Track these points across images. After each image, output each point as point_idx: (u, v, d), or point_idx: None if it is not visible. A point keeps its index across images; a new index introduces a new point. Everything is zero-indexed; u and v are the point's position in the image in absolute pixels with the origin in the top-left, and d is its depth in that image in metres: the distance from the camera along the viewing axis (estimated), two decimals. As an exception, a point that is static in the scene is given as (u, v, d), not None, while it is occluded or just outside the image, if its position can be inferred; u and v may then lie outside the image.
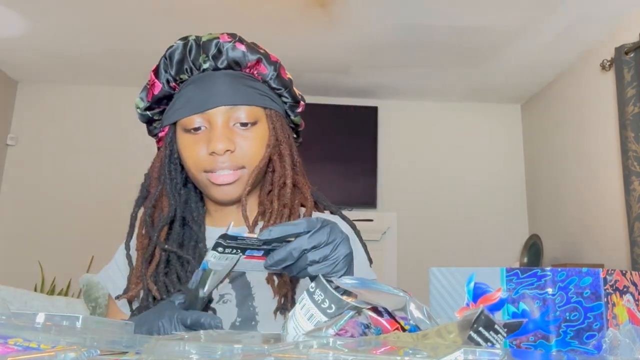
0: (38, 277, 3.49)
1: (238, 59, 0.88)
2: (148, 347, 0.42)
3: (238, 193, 0.88)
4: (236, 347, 0.41)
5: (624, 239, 2.70)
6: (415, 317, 0.51)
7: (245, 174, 0.87)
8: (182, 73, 0.89)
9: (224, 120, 0.86)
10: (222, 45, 0.87)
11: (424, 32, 2.99)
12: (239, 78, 0.88)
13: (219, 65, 0.88)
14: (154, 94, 0.92)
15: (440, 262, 3.63)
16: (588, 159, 3.13)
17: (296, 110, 0.97)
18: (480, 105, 4.04)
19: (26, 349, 0.39)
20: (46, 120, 3.84)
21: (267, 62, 0.90)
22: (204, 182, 0.88)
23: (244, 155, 0.86)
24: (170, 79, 0.90)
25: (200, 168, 0.86)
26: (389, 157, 3.93)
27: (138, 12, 2.85)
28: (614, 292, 0.50)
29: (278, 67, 0.91)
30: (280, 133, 0.91)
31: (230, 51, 0.87)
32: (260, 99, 0.89)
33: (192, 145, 0.87)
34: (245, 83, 0.88)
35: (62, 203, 3.71)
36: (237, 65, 0.88)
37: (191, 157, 0.87)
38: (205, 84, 0.87)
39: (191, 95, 0.87)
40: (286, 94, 0.94)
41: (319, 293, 0.56)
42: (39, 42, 3.24)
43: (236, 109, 0.86)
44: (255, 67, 0.89)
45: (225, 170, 0.86)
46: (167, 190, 0.90)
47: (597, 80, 3.04)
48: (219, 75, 0.88)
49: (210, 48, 0.87)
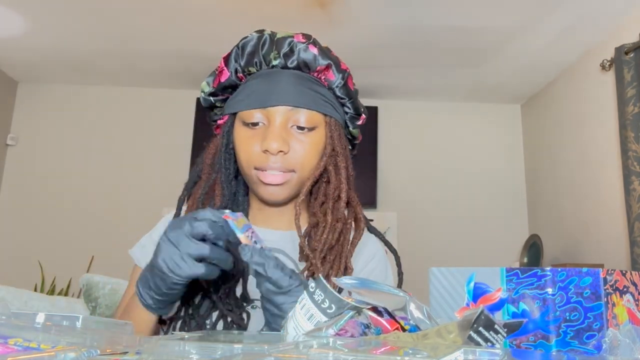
0: (38, 277, 3.49)
1: (308, 61, 0.87)
2: (148, 347, 0.42)
3: (284, 196, 0.87)
4: (236, 347, 0.41)
5: (624, 239, 2.70)
6: (415, 317, 0.51)
7: (294, 178, 0.86)
8: (251, 65, 0.88)
9: (283, 120, 0.85)
10: (295, 44, 0.87)
11: (424, 32, 2.99)
12: (305, 80, 0.87)
13: (289, 65, 0.87)
14: (220, 81, 0.91)
15: (440, 262, 3.63)
16: (588, 159, 3.13)
17: (356, 122, 0.96)
18: (480, 105, 4.04)
19: (26, 349, 0.39)
20: (46, 120, 3.85)
21: (337, 69, 0.89)
22: (253, 179, 0.87)
23: (296, 159, 0.85)
24: (239, 69, 0.89)
25: (252, 164, 0.86)
26: (389, 157, 3.93)
27: (138, 12, 2.85)
28: (614, 292, 0.50)
29: (346, 77, 0.90)
30: (337, 143, 0.89)
31: (302, 52, 0.86)
32: (322, 105, 0.87)
33: (247, 139, 0.86)
34: (311, 87, 0.87)
35: (62, 203, 3.71)
36: (306, 67, 0.88)
37: (245, 152, 0.86)
38: (271, 80, 0.86)
39: (255, 89, 0.86)
40: (349, 104, 0.92)
41: (319, 293, 0.56)
42: (39, 42, 3.24)
43: (297, 111, 0.85)
44: (324, 72, 0.88)
45: (275, 170, 0.85)
46: (222, 179, 0.90)
47: (597, 80, 3.04)
48: (286, 74, 0.87)
49: (283, 45, 0.86)
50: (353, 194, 0.92)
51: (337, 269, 0.84)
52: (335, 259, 0.85)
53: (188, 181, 0.92)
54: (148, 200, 3.66)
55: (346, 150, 0.92)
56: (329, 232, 0.85)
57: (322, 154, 0.88)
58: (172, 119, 3.85)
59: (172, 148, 3.80)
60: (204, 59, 3.38)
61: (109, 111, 3.89)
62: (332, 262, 0.84)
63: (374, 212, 3.76)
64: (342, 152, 0.90)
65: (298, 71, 0.88)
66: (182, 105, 3.83)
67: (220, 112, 0.95)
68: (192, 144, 3.73)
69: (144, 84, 3.87)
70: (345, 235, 0.88)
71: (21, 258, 3.57)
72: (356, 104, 0.93)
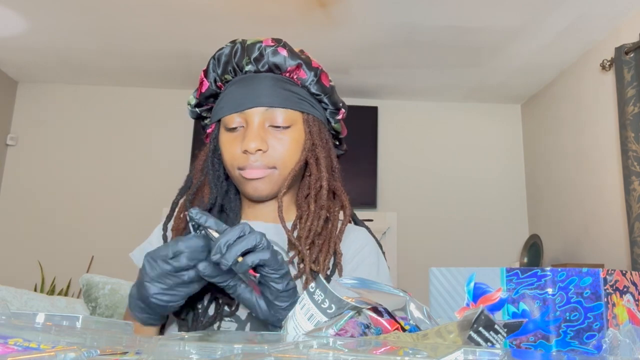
0: (38, 277, 3.49)
1: (278, 63, 0.91)
2: (148, 347, 0.42)
3: (267, 190, 0.90)
4: (236, 347, 0.41)
5: (624, 239, 2.70)
6: (415, 317, 0.51)
7: (275, 174, 0.90)
8: (227, 73, 0.93)
9: (260, 121, 0.89)
10: (264, 48, 0.91)
11: (424, 32, 2.99)
12: (279, 81, 0.91)
13: (260, 68, 0.91)
14: (202, 92, 0.97)
15: (440, 262, 3.63)
16: (588, 159, 3.13)
17: (336, 117, 0.99)
18: (480, 105, 4.04)
19: (26, 349, 0.39)
20: (46, 120, 3.85)
21: (308, 68, 0.93)
22: (238, 179, 0.91)
23: (275, 156, 0.89)
24: (217, 78, 0.95)
25: (235, 165, 0.90)
26: (389, 157, 3.93)
27: (138, 12, 2.85)
28: (614, 292, 0.50)
29: (319, 73, 0.94)
30: (316, 137, 0.93)
31: (271, 55, 0.90)
32: (297, 103, 0.91)
33: (229, 143, 0.91)
34: (285, 87, 0.91)
35: (62, 203, 3.71)
36: (277, 69, 0.92)
37: (228, 154, 0.91)
38: (246, 85, 0.91)
39: (233, 95, 0.91)
40: (326, 99, 0.96)
41: (319, 293, 0.56)
42: (39, 42, 3.24)
43: (272, 111, 0.89)
44: (295, 71, 0.92)
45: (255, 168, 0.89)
46: (210, 180, 0.94)
47: (597, 80, 3.04)
48: (260, 78, 0.91)
49: (253, 51, 0.91)
50: (338, 185, 0.97)
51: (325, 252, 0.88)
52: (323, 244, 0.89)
53: (182, 187, 0.97)
54: (148, 200, 3.66)
55: (327, 144, 0.96)
56: (313, 220, 0.89)
57: (301, 149, 0.92)
58: (172, 119, 3.85)
59: (172, 148, 3.80)
60: (204, 59, 3.37)
61: (108, 111, 3.89)
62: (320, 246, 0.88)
63: (374, 212, 3.76)
64: (323, 145, 0.94)
65: (271, 73, 0.92)
66: (182, 105, 3.82)
67: (209, 121, 1.01)
68: (192, 144, 3.73)
69: (144, 84, 3.87)
70: (333, 223, 0.92)
71: (21, 258, 3.57)
72: (333, 99, 0.97)
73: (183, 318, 0.84)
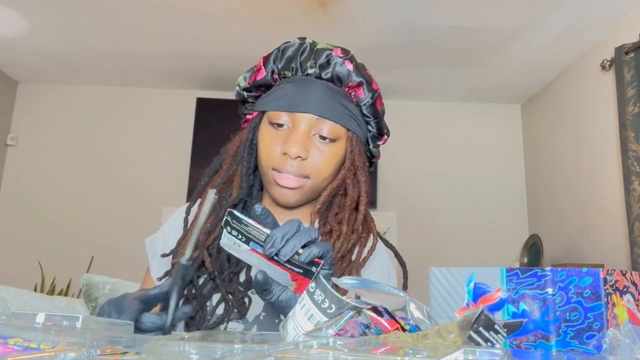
0: (38, 277, 3.49)
1: (342, 75, 0.89)
2: (148, 347, 0.42)
3: (295, 199, 0.89)
4: (236, 347, 0.41)
5: (624, 239, 2.70)
6: (415, 317, 0.51)
7: (307, 185, 0.89)
8: (288, 70, 0.92)
9: (307, 127, 0.88)
10: (332, 57, 0.90)
11: (424, 32, 2.99)
12: (335, 93, 0.90)
13: (323, 76, 0.90)
14: (256, 79, 0.94)
15: (440, 262, 3.63)
16: (588, 159, 3.13)
17: (377, 142, 0.99)
18: (480, 105, 4.04)
19: (26, 349, 0.39)
20: (46, 120, 3.85)
21: (367, 88, 0.91)
22: (269, 179, 0.89)
23: (312, 166, 0.88)
24: (276, 70, 0.92)
25: (270, 164, 0.88)
26: (389, 157, 3.93)
27: (138, 12, 2.85)
28: (614, 292, 0.50)
29: (376, 97, 0.93)
30: (357, 158, 0.92)
31: (338, 66, 0.89)
32: (347, 120, 0.90)
33: (270, 139, 0.89)
34: (340, 100, 0.90)
35: (62, 203, 3.71)
36: (338, 81, 0.90)
37: (266, 150, 0.89)
38: (303, 87, 0.89)
39: (287, 92, 0.89)
40: (374, 123, 0.96)
41: (319, 293, 0.56)
42: (39, 42, 3.24)
43: (322, 121, 0.88)
44: (355, 88, 0.91)
45: (290, 174, 0.87)
46: (241, 172, 0.92)
47: (597, 80, 3.04)
48: (318, 84, 0.90)
49: (321, 56, 0.90)
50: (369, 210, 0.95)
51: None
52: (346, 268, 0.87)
53: (209, 169, 0.95)
54: (148, 200, 3.66)
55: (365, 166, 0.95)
56: (343, 242, 0.87)
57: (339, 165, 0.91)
58: (172, 119, 3.85)
59: (172, 148, 3.80)
60: (204, 59, 3.38)
61: (109, 111, 3.89)
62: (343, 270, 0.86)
63: (374, 212, 3.76)
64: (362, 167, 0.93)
65: (330, 83, 0.90)
66: (182, 105, 3.83)
67: (251, 107, 0.98)
68: (192, 144, 3.73)
69: (144, 84, 3.87)
70: (359, 248, 0.90)
71: (21, 258, 3.57)
72: (380, 125, 0.97)
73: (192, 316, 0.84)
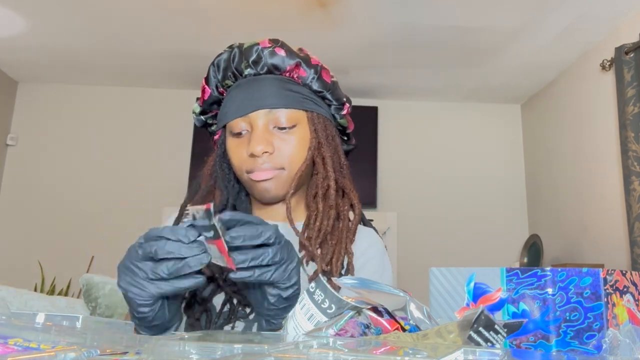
0: (38, 277, 3.49)
1: (277, 63, 0.90)
2: (148, 347, 0.42)
3: (277, 191, 0.90)
4: (236, 347, 0.41)
5: (624, 239, 2.70)
6: (415, 317, 0.51)
7: (284, 175, 0.90)
8: (227, 79, 0.93)
9: (264, 123, 0.89)
10: (261, 51, 0.90)
11: (424, 32, 2.99)
12: (279, 82, 0.91)
13: (260, 71, 0.91)
14: (204, 99, 0.97)
15: (440, 262, 3.63)
16: (588, 159, 3.13)
17: (341, 112, 1.00)
18: (480, 105, 4.04)
19: (26, 349, 0.39)
20: (46, 120, 3.85)
21: (307, 66, 0.92)
22: (248, 183, 0.91)
23: (282, 157, 0.89)
24: (218, 84, 0.95)
25: (243, 169, 0.90)
26: (389, 157, 3.93)
27: (138, 12, 2.85)
28: (614, 292, 0.50)
29: (319, 70, 0.93)
30: (322, 135, 0.93)
31: (269, 56, 0.90)
32: (300, 102, 0.91)
33: (236, 147, 0.91)
34: (286, 87, 0.91)
35: (62, 203, 3.71)
36: (277, 70, 0.91)
37: (236, 158, 0.91)
38: (247, 89, 0.90)
39: (235, 100, 0.91)
40: (329, 96, 0.96)
41: (319, 293, 0.56)
42: (39, 42, 3.24)
43: (276, 112, 0.89)
44: (294, 70, 0.92)
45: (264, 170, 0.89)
46: (219, 184, 0.95)
47: (597, 80, 3.04)
48: (260, 80, 0.91)
49: (251, 54, 0.90)
50: (347, 182, 0.96)
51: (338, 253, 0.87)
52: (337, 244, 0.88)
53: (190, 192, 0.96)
54: (148, 200, 3.66)
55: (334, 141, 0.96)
56: (323, 219, 0.88)
57: (308, 148, 0.91)
58: (172, 119, 3.85)
59: (172, 148, 3.80)
60: (204, 59, 3.37)
61: (108, 111, 3.89)
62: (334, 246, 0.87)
63: (374, 212, 3.76)
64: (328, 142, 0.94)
65: (271, 75, 0.91)
66: (182, 105, 3.82)
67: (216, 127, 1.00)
68: (192, 144, 3.73)
69: (144, 84, 3.87)
70: (343, 222, 0.91)
71: (21, 258, 3.57)
72: (336, 95, 0.97)
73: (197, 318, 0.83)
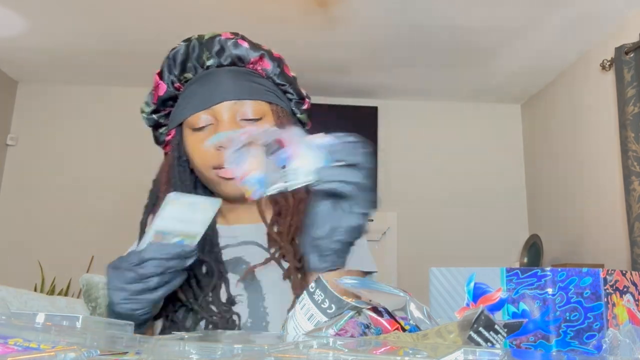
0: (38, 277, 3.48)
1: (241, 54, 0.88)
2: (148, 347, 0.42)
3: None
4: (236, 347, 0.41)
5: (624, 239, 2.70)
6: (415, 317, 0.51)
7: None
8: (187, 72, 0.89)
9: (230, 115, 0.85)
10: (224, 42, 0.88)
11: (424, 32, 2.99)
12: (243, 74, 0.88)
13: (223, 62, 0.88)
14: (159, 96, 0.92)
15: (440, 262, 3.62)
16: (588, 159, 3.12)
17: (302, 107, 0.97)
18: (480, 105, 4.04)
19: (26, 349, 0.39)
20: (46, 120, 3.84)
21: (270, 58, 0.90)
22: (214, 180, 0.87)
23: None
24: (175, 79, 0.90)
25: (209, 165, 0.85)
26: (389, 157, 3.93)
27: (138, 12, 2.85)
28: (614, 292, 0.50)
29: (282, 64, 0.92)
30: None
31: (233, 47, 0.88)
32: (265, 95, 0.88)
33: (199, 143, 0.86)
34: (250, 79, 0.88)
35: (62, 203, 3.71)
36: (240, 62, 0.89)
37: (199, 155, 0.86)
38: (210, 81, 0.87)
39: (197, 92, 0.87)
40: (291, 90, 0.93)
41: (319, 293, 0.56)
42: (39, 42, 3.24)
43: (241, 103, 0.86)
44: (258, 62, 0.90)
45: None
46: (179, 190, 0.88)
47: (597, 80, 3.04)
48: (223, 72, 0.88)
49: (213, 45, 0.88)
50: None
51: None
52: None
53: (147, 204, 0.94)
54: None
55: None
56: (293, 214, 0.86)
57: None
58: (172, 119, 3.85)
59: (172, 148, 3.80)
60: (204, 59, 3.38)
61: (109, 111, 3.89)
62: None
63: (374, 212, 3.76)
64: None
65: (233, 67, 0.89)
66: (182, 105, 3.82)
67: (167, 129, 0.95)
68: (192, 144, 3.73)
69: (144, 84, 3.86)
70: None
71: (21, 258, 3.56)
72: (298, 89, 0.95)
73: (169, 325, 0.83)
